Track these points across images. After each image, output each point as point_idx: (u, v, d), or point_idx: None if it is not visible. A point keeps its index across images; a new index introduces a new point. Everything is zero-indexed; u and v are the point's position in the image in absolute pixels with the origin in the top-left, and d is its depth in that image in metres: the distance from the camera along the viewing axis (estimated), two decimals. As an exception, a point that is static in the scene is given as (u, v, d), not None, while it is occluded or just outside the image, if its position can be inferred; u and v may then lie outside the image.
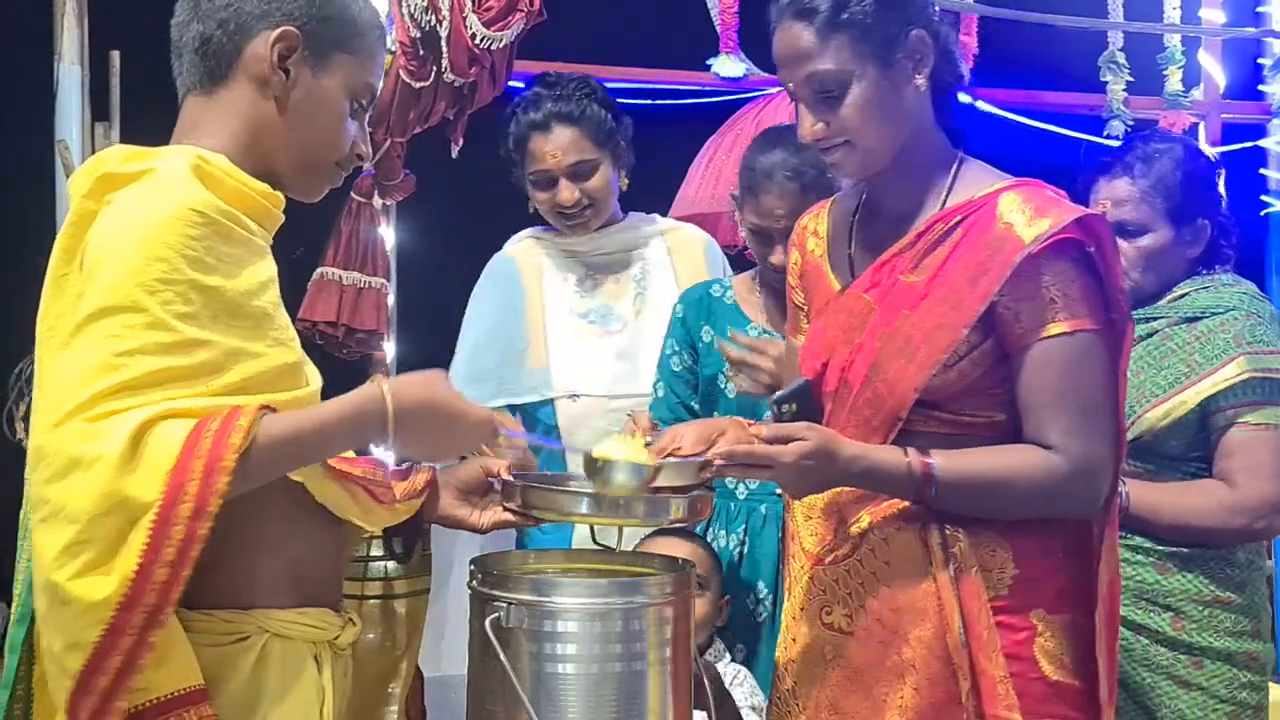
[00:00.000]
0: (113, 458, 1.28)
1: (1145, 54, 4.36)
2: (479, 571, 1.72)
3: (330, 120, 1.59)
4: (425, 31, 3.39)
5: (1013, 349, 1.76)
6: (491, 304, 2.78)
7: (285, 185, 1.58)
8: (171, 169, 1.45)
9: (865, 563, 1.82)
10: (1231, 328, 2.30)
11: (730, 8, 4.07)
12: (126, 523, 1.29)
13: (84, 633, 1.30)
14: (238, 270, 1.44)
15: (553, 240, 2.81)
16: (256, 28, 1.54)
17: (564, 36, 3.70)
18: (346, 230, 3.56)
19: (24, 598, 1.50)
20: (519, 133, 2.71)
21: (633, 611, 1.65)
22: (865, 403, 1.80)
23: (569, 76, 2.73)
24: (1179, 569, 2.27)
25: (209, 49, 1.55)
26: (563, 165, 2.64)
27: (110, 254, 1.37)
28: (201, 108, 1.57)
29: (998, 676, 1.73)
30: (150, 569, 1.29)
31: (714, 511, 2.43)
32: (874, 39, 1.77)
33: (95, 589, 1.29)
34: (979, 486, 1.75)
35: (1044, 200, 1.77)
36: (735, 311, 2.49)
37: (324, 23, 1.57)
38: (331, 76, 1.58)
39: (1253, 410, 2.27)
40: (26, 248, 3.70)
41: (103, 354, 1.33)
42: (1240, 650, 2.28)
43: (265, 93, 1.55)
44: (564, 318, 2.70)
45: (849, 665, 1.82)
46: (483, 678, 1.68)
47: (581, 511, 1.76)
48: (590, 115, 2.65)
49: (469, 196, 3.74)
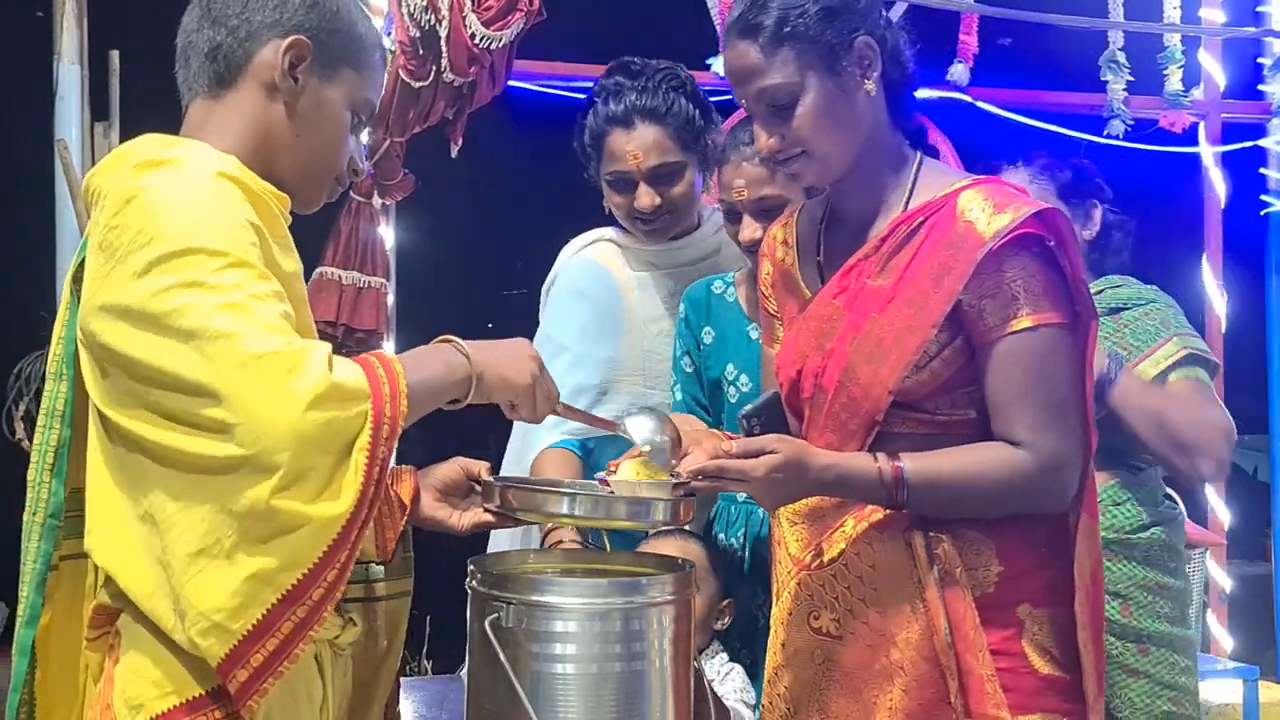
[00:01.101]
0: (324, 384, 1.33)
1: (1145, 54, 4.36)
2: (479, 571, 1.72)
3: (334, 130, 1.61)
4: (425, 31, 3.39)
5: (979, 346, 1.77)
6: (591, 319, 2.48)
7: (285, 193, 1.58)
8: (203, 152, 1.48)
9: (851, 567, 1.83)
10: (1156, 315, 2.43)
11: (730, 8, 4.07)
12: (344, 444, 1.35)
13: (307, 553, 1.34)
14: (286, 252, 1.50)
15: (634, 247, 2.53)
16: (266, 36, 1.56)
17: (564, 36, 3.70)
18: (346, 230, 3.56)
19: (30, 599, 1.50)
20: (597, 126, 2.41)
21: (633, 611, 1.65)
22: (840, 408, 1.81)
23: (655, 65, 2.43)
24: (1123, 555, 2.36)
25: (219, 54, 1.56)
26: (644, 167, 2.37)
27: (190, 225, 1.38)
28: (208, 111, 1.57)
29: (985, 675, 1.73)
30: (367, 486, 1.36)
31: (715, 513, 2.42)
32: (819, 49, 1.79)
33: (328, 507, 1.34)
34: (949, 488, 1.76)
35: (1003, 196, 1.78)
36: (736, 309, 2.42)
37: (332, 35, 1.59)
38: (337, 88, 1.60)
39: (1191, 369, 2.38)
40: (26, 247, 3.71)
41: (239, 298, 1.35)
42: (1177, 635, 2.37)
43: (274, 98, 1.56)
44: (659, 342, 2.48)
45: (838, 669, 1.83)
46: (483, 678, 1.68)
47: (561, 512, 1.75)
48: (677, 112, 2.38)
49: (469, 196, 3.76)
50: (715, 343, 2.39)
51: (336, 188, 1.67)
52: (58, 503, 1.50)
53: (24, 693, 1.51)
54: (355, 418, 1.36)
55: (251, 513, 1.32)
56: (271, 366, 1.32)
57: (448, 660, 3.09)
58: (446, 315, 2.97)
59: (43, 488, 1.51)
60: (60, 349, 1.53)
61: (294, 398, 1.31)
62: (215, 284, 1.35)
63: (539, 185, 3.29)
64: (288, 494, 1.32)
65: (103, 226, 1.42)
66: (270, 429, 1.31)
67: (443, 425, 1.73)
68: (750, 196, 2.26)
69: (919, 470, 1.74)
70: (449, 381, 1.53)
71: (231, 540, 1.33)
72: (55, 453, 1.51)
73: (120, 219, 1.40)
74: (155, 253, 1.36)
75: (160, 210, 1.38)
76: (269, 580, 1.34)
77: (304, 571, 1.34)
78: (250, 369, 1.32)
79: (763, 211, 2.26)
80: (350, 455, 1.35)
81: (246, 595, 1.33)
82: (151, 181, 1.41)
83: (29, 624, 1.50)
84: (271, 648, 1.34)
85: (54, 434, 1.51)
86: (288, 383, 1.32)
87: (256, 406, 1.31)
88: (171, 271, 1.35)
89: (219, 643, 1.34)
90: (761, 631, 2.32)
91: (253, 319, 1.34)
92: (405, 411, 1.40)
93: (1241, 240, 4.54)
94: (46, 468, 1.51)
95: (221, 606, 1.33)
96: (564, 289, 2.53)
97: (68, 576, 1.53)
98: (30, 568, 1.51)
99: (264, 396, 1.31)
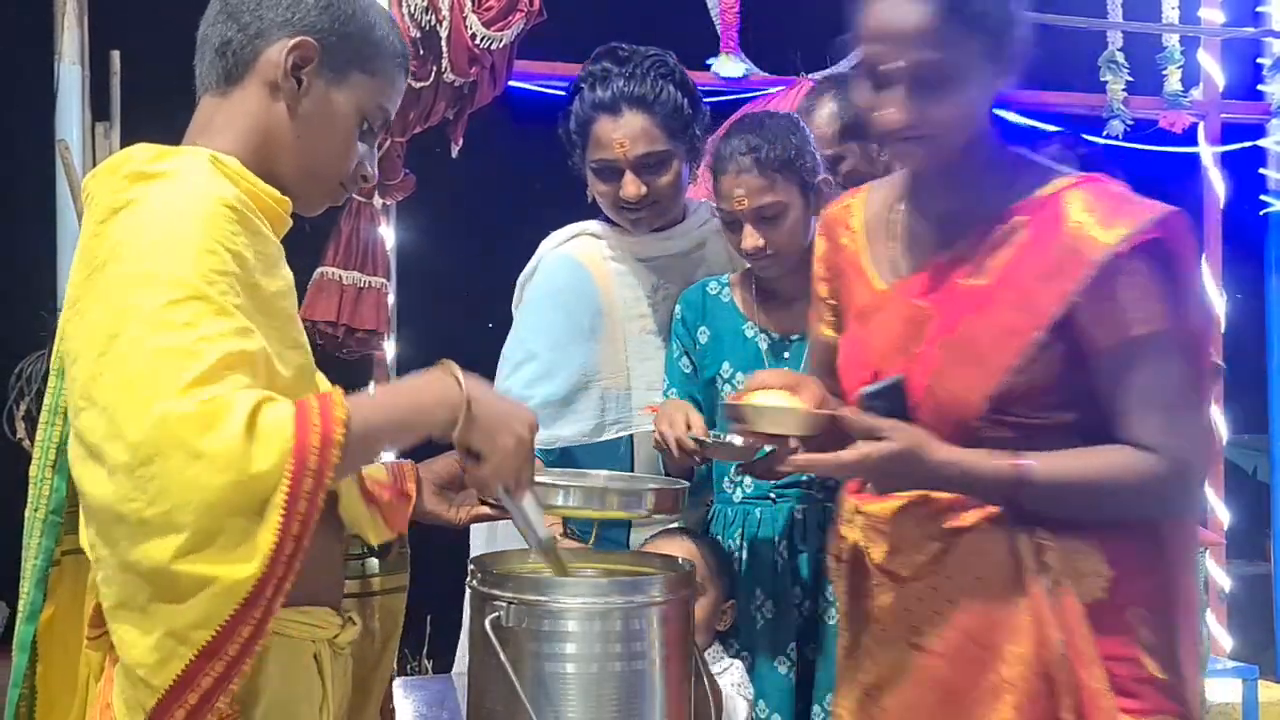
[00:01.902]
0: (236, 443, 1.29)
1: (1145, 54, 4.36)
2: (479, 571, 1.72)
3: (338, 135, 1.59)
4: (425, 31, 3.40)
5: (1097, 351, 1.70)
6: (562, 323, 2.42)
7: (286, 194, 1.58)
8: (196, 166, 1.47)
9: (953, 578, 1.74)
10: None
11: (731, 8, 4.08)
12: (259, 502, 1.31)
13: (216, 612, 1.31)
14: (270, 270, 1.47)
15: (617, 240, 2.47)
16: (275, 35, 1.55)
17: (564, 36, 3.70)
18: (346, 230, 3.56)
19: (31, 595, 1.50)
20: (583, 112, 2.35)
21: (633, 611, 1.65)
22: (927, 413, 1.73)
23: (643, 51, 2.38)
24: None
25: (228, 50, 1.56)
26: (630, 156, 2.32)
27: (157, 245, 1.37)
28: (215, 108, 1.57)
29: (1100, 689, 1.67)
30: (283, 544, 1.32)
31: (711, 515, 2.41)
32: (987, 29, 1.68)
33: (236, 569, 1.30)
34: (1076, 488, 1.69)
35: (1116, 199, 1.71)
36: (732, 310, 2.39)
37: (345, 39, 1.57)
38: (345, 93, 1.58)
39: None
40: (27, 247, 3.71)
41: (183, 340, 1.32)
42: None
43: (276, 98, 1.55)
44: (640, 337, 2.44)
45: (941, 687, 1.75)
46: (483, 678, 1.68)
47: (557, 503, 1.75)
48: (665, 100, 2.33)
49: (469, 196, 3.76)
50: (711, 342, 2.38)
51: (341, 192, 1.65)
52: (60, 498, 1.50)
53: (24, 688, 1.50)
54: (269, 474, 1.31)
55: (155, 572, 1.31)
56: (185, 425, 1.28)
57: (448, 660, 3.09)
58: (446, 315, 2.97)
59: (45, 484, 1.51)
60: (62, 346, 1.53)
61: (205, 458, 1.28)
62: (167, 320, 1.32)
63: (539, 186, 3.29)
64: (195, 556, 1.29)
65: (88, 234, 1.42)
66: (179, 489, 1.28)
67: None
68: (751, 205, 2.23)
69: (1045, 469, 1.67)
70: (426, 416, 1.47)
71: (145, 595, 1.32)
72: (57, 449, 1.50)
73: (103, 228, 1.40)
74: (121, 271, 1.36)
75: (138, 228, 1.38)
76: (183, 637, 1.32)
77: (216, 629, 1.31)
78: (165, 425, 1.28)
79: (763, 219, 2.24)
80: (264, 513, 1.31)
81: (164, 651, 1.32)
82: (138, 195, 1.41)
83: (29, 620, 1.50)
84: (193, 702, 1.33)
85: (56, 430, 1.51)
86: (199, 442, 1.28)
87: (168, 464, 1.28)
88: (129, 293, 1.34)
89: (147, 696, 1.33)
90: (761, 632, 2.31)
91: (191, 365, 1.31)
92: (338, 460, 1.34)
93: (1241, 240, 4.54)
94: (49, 464, 1.51)
95: (143, 662, 1.32)
96: (539, 289, 2.48)
97: (70, 571, 1.52)
98: (32, 564, 1.50)
99: (175, 455, 1.28)
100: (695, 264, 2.48)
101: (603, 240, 2.47)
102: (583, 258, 2.45)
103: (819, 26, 4.61)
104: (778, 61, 4.21)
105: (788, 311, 2.33)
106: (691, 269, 2.47)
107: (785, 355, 2.33)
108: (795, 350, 2.32)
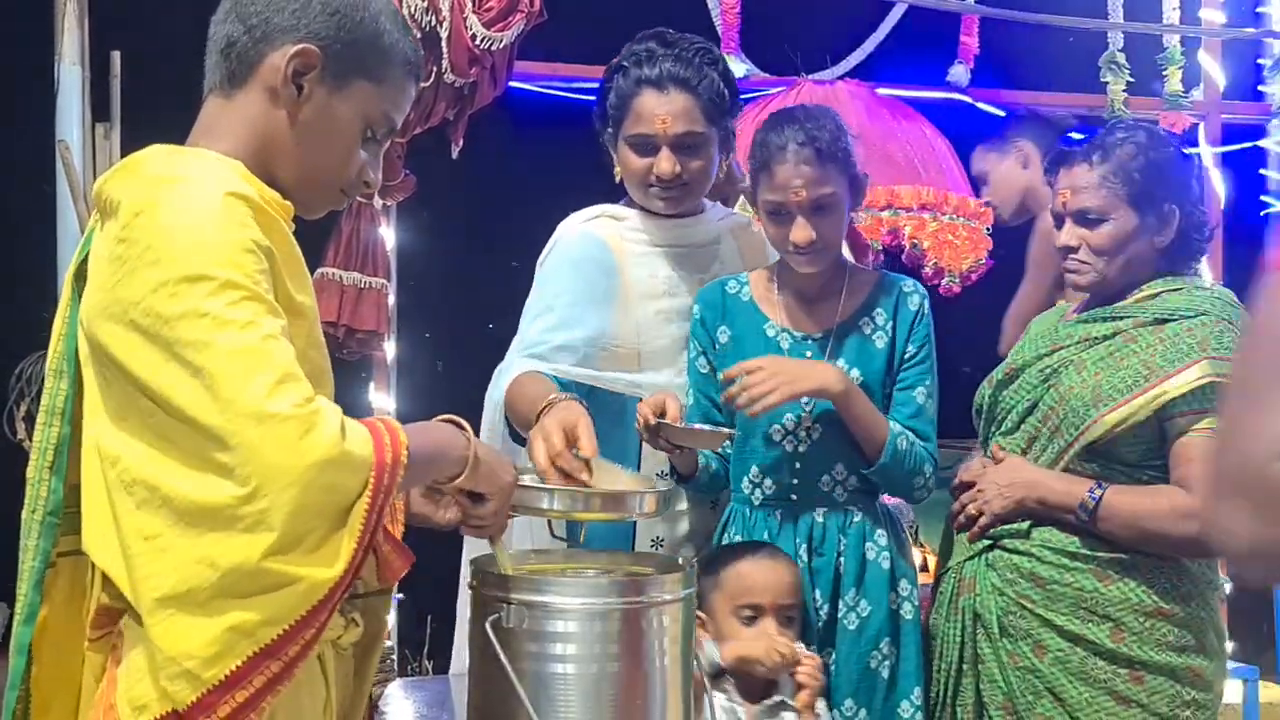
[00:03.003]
0: (335, 450, 1.33)
1: (1145, 54, 4.36)
2: (479, 571, 1.72)
3: (339, 143, 1.59)
4: (425, 32, 3.39)
5: None
6: (581, 288, 2.41)
7: (287, 199, 1.58)
8: (216, 167, 1.47)
9: None
10: (1199, 332, 2.16)
11: (731, 8, 4.08)
12: (344, 510, 1.36)
13: (290, 611, 1.34)
14: (294, 269, 1.49)
15: (637, 223, 2.48)
16: (280, 40, 1.54)
17: (564, 36, 3.70)
18: (347, 230, 3.57)
19: (29, 597, 1.50)
20: (626, 87, 2.36)
21: (633, 611, 1.65)
22: None
23: (690, 37, 2.42)
24: (1120, 576, 2.17)
25: (233, 51, 1.56)
26: (670, 133, 2.33)
27: (198, 246, 1.36)
28: (219, 109, 1.57)
29: None
30: (358, 553, 1.37)
31: (727, 516, 2.36)
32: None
33: (320, 572, 1.35)
34: None
35: None
36: (752, 308, 2.36)
37: (350, 46, 1.56)
38: (347, 101, 1.57)
39: (1214, 416, 2.09)
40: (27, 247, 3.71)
41: (251, 340, 1.34)
42: (1183, 665, 2.15)
43: (277, 104, 1.55)
44: (653, 319, 2.44)
45: None
46: (483, 678, 1.68)
47: (544, 506, 1.76)
48: (709, 85, 2.35)
49: (469, 196, 3.75)
50: (731, 343, 2.35)
51: (342, 198, 1.65)
52: (57, 500, 1.50)
53: (20, 690, 1.50)
54: (357, 484, 1.36)
55: (238, 569, 1.32)
56: (287, 426, 1.31)
57: (448, 660, 3.09)
58: (446, 315, 2.97)
59: (42, 485, 1.51)
60: (61, 346, 1.52)
61: (305, 461, 1.31)
62: (229, 319, 1.34)
63: (539, 186, 3.29)
64: (283, 555, 1.32)
65: (114, 238, 1.40)
66: (278, 489, 1.30)
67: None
68: (809, 196, 2.21)
69: None
70: (447, 459, 1.55)
71: (208, 593, 1.32)
72: (55, 450, 1.50)
73: (130, 232, 1.39)
74: (165, 273, 1.35)
75: (170, 228, 1.37)
76: (249, 633, 1.33)
77: (285, 628, 1.34)
78: (265, 425, 1.30)
79: (818, 209, 2.23)
80: (347, 520, 1.36)
81: (225, 645, 1.32)
82: (164, 197, 1.40)
83: (26, 622, 1.50)
84: (240, 699, 1.33)
85: (54, 431, 1.50)
86: (300, 445, 1.31)
87: (267, 463, 1.30)
88: (182, 297, 1.34)
89: (188, 689, 1.33)
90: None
91: (269, 366, 1.33)
92: (401, 480, 1.41)
93: (1242, 241, 4.54)
94: (46, 465, 1.51)
95: (195, 654, 1.32)
96: (558, 258, 2.48)
97: (65, 573, 1.52)
98: (28, 565, 1.50)
99: (276, 455, 1.30)
100: (711, 257, 2.49)
101: (623, 222, 2.48)
102: (603, 234, 2.46)
103: (819, 26, 4.63)
104: (778, 61, 4.21)
105: (811, 310, 2.33)
106: (707, 261, 2.48)
107: (807, 355, 2.31)
108: (816, 349, 2.31)
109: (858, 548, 2.26)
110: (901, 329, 2.31)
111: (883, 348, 2.31)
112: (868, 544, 2.27)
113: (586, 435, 1.86)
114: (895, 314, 2.32)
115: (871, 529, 2.28)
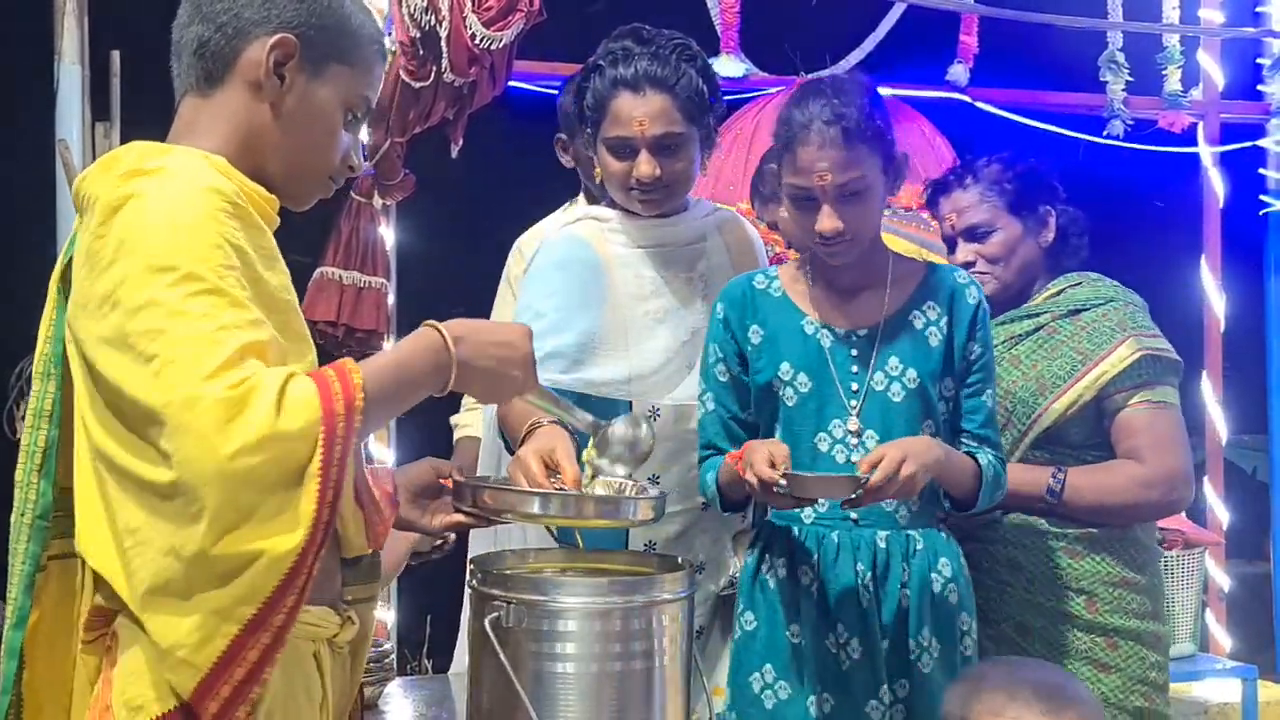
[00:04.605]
0: (267, 421, 1.32)
1: (1145, 54, 4.36)
2: (479, 571, 1.72)
3: (323, 129, 1.59)
4: (425, 31, 3.39)
5: None
6: (570, 289, 2.37)
7: (275, 192, 1.58)
8: (192, 161, 1.47)
9: None
10: (1114, 315, 2.41)
11: (731, 7, 4.08)
12: (295, 473, 1.34)
13: (262, 585, 1.33)
14: (271, 263, 1.48)
15: (620, 225, 2.43)
16: (254, 33, 1.54)
17: (564, 36, 3.70)
18: (346, 230, 3.56)
19: (19, 601, 1.49)
20: (603, 89, 2.30)
21: (633, 611, 1.65)
22: None
23: (666, 34, 2.33)
24: (1087, 551, 2.36)
25: (206, 51, 1.56)
26: (648, 135, 2.27)
27: (166, 241, 1.37)
28: (197, 110, 1.57)
29: None
30: (321, 510, 1.35)
31: (765, 535, 2.20)
32: None
33: (281, 541, 1.33)
34: None
35: None
36: (785, 304, 2.19)
37: (322, 32, 1.57)
38: (327, 86, 1.58)
39: (1148, 389, 2.36)
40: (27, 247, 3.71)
41: (204, 329, 1.34)
42: (1147, 630, 2.36)
43: (260, 97, 1.55)
44: (642, 321, 2.38)
45: None
46: (483, 678, 1.68)
47: (534, 511, 1.75)
48: (687, 83, 2.27)
49: (469, 196, 3.75)
50: (765, 342, 2.18)
51: (330, 185, 1.65)
52: (46, 504, 1.50)
53: (12, 694, 1.50)
54: (304, 448, 1.34)
55: (197, 558, 1.32)
56: (214, 412, 1.31)
57: (448, 660, 3.09)
58: (446, 315, 2.96)
59: (30, 488, 1.51)
60: (48, 348, 1.53)
61: (224, 451, 1.30)
62: (185, 310, 1.34)
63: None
64: (235, 534, 1.32)
65: (90, 235, 1.42)
66: (201, 482, 1.30)
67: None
68: (835, 181, 2.04)
69: None
70: (422, 373, 1.52)
71: (181, 583, 1.33)
72: (44, 453, 1.50)
73: (105, 228, 1.40)
74: (131, 267, 1.36)
75: (142, 223, 1.38)
76: (228, 614, 1.33)
77: (262, 602, 1.34)
78: (193, 411, 1.31)
79: (845, 197, 2.07)
80: (302, 482, 1.34)
81: (208, 629, 1.33)
82: (138, 190, 1.41)
83: (17, 626, 1.50)
84: (240, 676, 1.34)
85: (42, 434, 1.51)
86: (221, 435, 1.30)
87: (188, 455, 1.30)
88: (145, 286, 1.35)
89: (188, 677, 1.34)
90: (848, 674, 2.08)
91: (216, 353, 1.33)
92: (360, 424, 1.39)
93: (1241, 240, 4.54)
94: (35, 468, 1.50)
95: (184, 642, 1.33)
96: (543, 262, 2.45)
97: (56, 576, 1.52)
98: (18, 569, 1.50)
99: (195, 448, 1.30)
100: (696, 255, 2.45)
101: (606, 224, 2.44)
102: (587, 236, 2.43)
103: (818, 26, 4.62)
104: (778, 61, 4.21)
105: (850, 304, 2.19)
106: (693, 259, 2.44)
107: (853, 353, 2.14)
108: (864, 346, 2.15)
109: (923, 577, 2.09)
110: (960, 326, 2.15)
111: (937, 345, 2.14)
112: (933, 574, 2.11)
113: (566, 461, 1.85)
114: (951, 309, 2.15)
115: (935, 557, 2.12)
